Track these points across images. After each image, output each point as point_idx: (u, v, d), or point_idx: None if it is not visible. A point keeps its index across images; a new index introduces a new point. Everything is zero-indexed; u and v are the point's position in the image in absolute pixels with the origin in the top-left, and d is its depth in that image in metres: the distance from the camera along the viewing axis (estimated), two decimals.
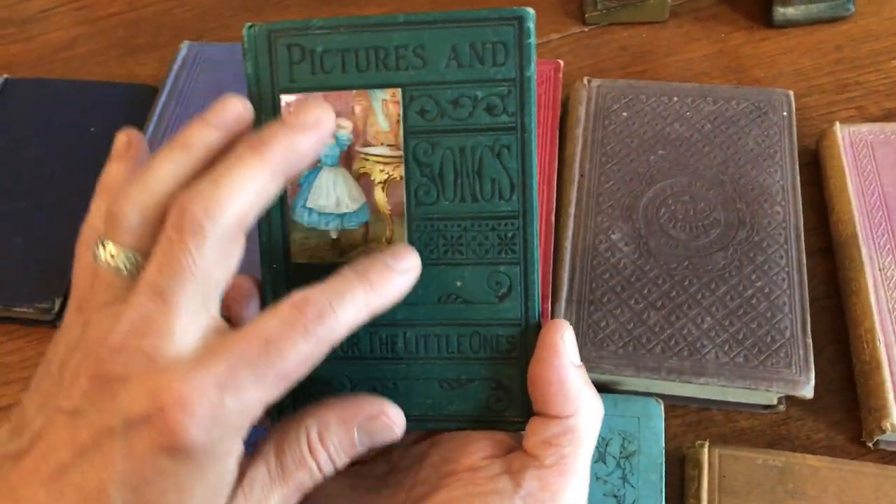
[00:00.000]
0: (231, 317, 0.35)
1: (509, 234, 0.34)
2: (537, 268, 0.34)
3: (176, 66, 0.65)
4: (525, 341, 0.34)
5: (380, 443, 0.33)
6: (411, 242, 0.34)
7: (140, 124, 0.63)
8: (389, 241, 0.34)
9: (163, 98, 0.63)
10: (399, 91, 0.33)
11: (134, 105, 0.65)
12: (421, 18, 0.33)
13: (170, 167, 0.30)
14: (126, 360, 0.27)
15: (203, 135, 0.30)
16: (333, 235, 0.35)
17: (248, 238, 0.34)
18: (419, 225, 0.34)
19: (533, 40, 0.33)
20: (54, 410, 0.28)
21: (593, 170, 0.56)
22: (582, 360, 0.34)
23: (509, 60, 0.33)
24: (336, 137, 0.34)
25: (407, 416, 0.35)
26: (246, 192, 0.28)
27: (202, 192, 0.28)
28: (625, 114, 0.58)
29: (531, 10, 0.33)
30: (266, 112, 0.34)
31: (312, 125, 0.30)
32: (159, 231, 0.29)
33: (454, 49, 0.33)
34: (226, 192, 0.28)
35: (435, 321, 0.34)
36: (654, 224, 0.53)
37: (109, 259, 0.29)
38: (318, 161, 0.34)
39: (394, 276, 0.31)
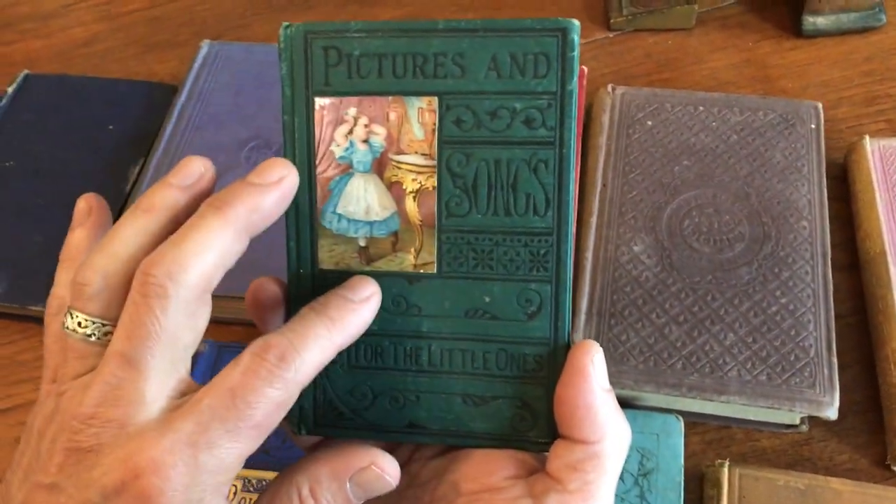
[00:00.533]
0: (258, 321, 0.35)
1: (542, 252, 0.33)
2: (569, 287, 0.33)
3: (196, 66, 0.65)
4: (553, 361, 0.33)
5: (375, 493, 0.32)
6: (440, 254, 0.33)
7: (159, 123, 0.62)
8: (418, 252, 0.34)
9: (182, 97, 0.63)
10: (436, 99, 0.32)
11: (153, 103, 0.64)
12: (462, 26, 0.32)
13: (133, 232, 0.30)
14: (98, 431, 0.27)
15: (165, 197, 0.30)
16: (362, 243, 0.34)
17: (275, 241, 0.34)
18: (449, 237, 0.33)
19: (576, 53, 0.31)
20: (34, 486, 0.28)
21: (616, 179, 0.55)
22: (607, 371, 0.33)
23: (551, 73, 0.32)
24: (369, 144, 0.33)
25: (427, 430, 0.34)
26: (209, 254, 0.28)
27: (165, 256, 0.28)
28: (649, 122, 0.57)
29: (576, 22, 0.31)
30: (299, 115, 0.33)
31: (275, 184, 0.30)
32: (126, 297, 0.29)
33: (494, 59, 0.32)
34: (189, 254, 0.28)
35: (461, 335, 0.34)
36: (678, 236, 0.52)
37: (77, 328, 0.29)
38: (350, 166, 0.34)
39: (354, 308, 0.31)
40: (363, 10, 0.73)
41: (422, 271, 0.34)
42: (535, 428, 0.34)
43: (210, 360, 0.51)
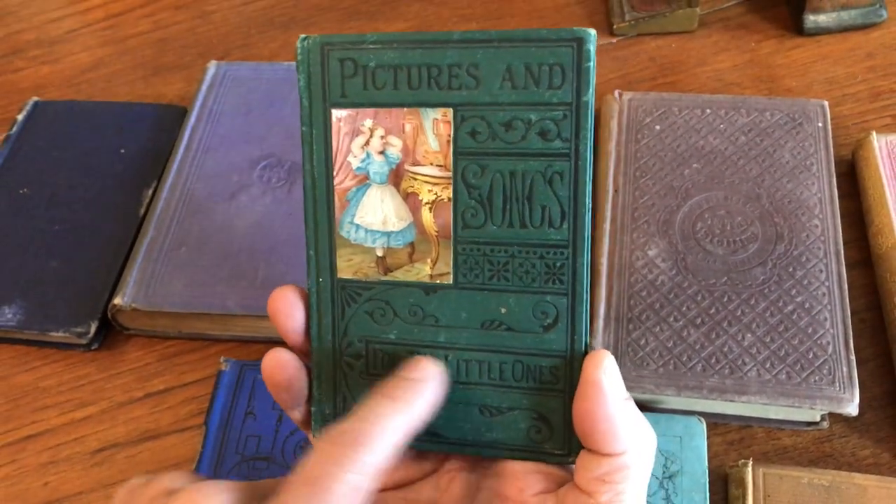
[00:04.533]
0: (280, 328, 0.35)
1: (558, 264, 0.33)
2: (586, 300, 0.33)
3: (204, 87, 0.65)
4: (570, 374, 0.33)
5: None
6: (456, 265, 0.34)
7: (170, 145, 0.63)
8: (434, 263, 0.34)
9: (192, 119, 0.63)
10: (451, 111, 0.32)
11: (163, 126, 0.65)
12: (476, 37, 0.32)
13: None
14: None
15: None
16: (379, 253, 0.34)
17: (296, 250, 0.33)
18: (465, 248, 0.33)
19: (592, 63, 0.31)
20: None
21: (627, 185, 0.55)
22: (622, 379, 0.33)
23: (566, 84, 0.31)
24: (386, 155, 0.34)
25: (445, 438, 0.34)
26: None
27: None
28: (657, 127, 0.58)
29: (592, 32, 0.31)
30: (317, 126, 0.33)
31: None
32: None
33: (509, 70, 0.32)
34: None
35: (477, 346, 0.34)
36: (691, 239, 0.53)
37: None
38: (367, 177, 0.34)
39: (417, 388, 0.31)
40: (366, 24, 0.74)
41: (438, 282, 0.34)
42: (552, 440, 0.34)
43: (232, 379, 0.51)
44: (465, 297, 0.34)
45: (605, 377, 0.31)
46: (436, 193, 0.33)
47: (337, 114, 0.33)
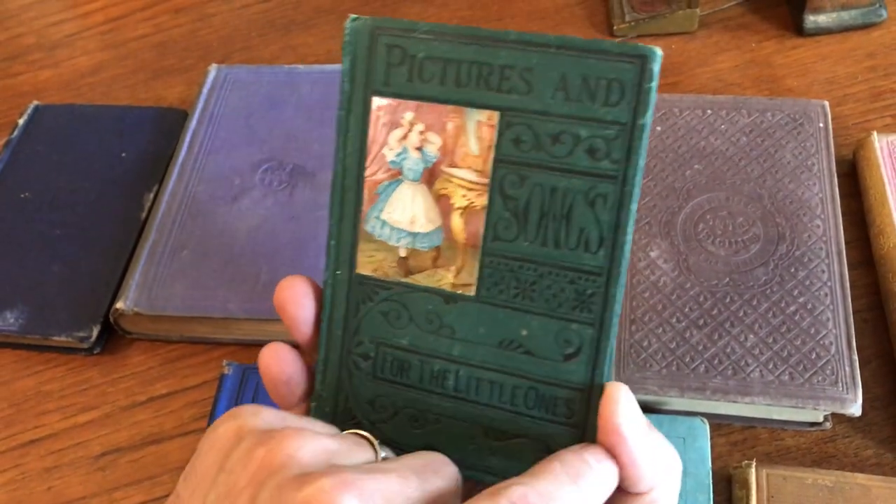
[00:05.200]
0: (288, 319, 0.34)
1: (589, 292, 0.31)
2: (614, 334, 0.31)
3: (205, 90, 0.65)
4: (586, 409, 0.31)
5: None
6: (481, 277, 0.32)
7: (171, 149, 0.63)
8: (459, 272, 0.32)
9: (193, 122, 0.63)
10: (497, 115, 0.30)
11: (164, 129, 0.65)
12: (534, 39, 0.30)
13: None
14: None
15: None
16: (402, 253, 0.33)
17: (298, 253, 0.32)
18: (492, 261, 0.31)
19: (654, 85, 0.29)
20: None
21: None
22: (625, 382, 0.31)
23: (623, 102, 0.29)
24: (423, 152, 0.32)
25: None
26: None
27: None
28: (658, 128, 0.58)
29: (658, 51, 0.29)
30: (355, 113, 0.32)
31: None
32: None
33: (564, 79, 0.29)
34: None
35: (492, 365, 0.32)
36: (693, 240, 0.53)
37: None
38: (400, 173, 0.32)
39: (605, 479, 0.29)
40: None
41: (460, 292, 0.32)
42: None
43: (235, 383, 0.51)
44: (486, 313, 0.32)
45: (624, 420, 0.29)
46: (469, 199, 0.32)
47: (377, 102, 0.32)
